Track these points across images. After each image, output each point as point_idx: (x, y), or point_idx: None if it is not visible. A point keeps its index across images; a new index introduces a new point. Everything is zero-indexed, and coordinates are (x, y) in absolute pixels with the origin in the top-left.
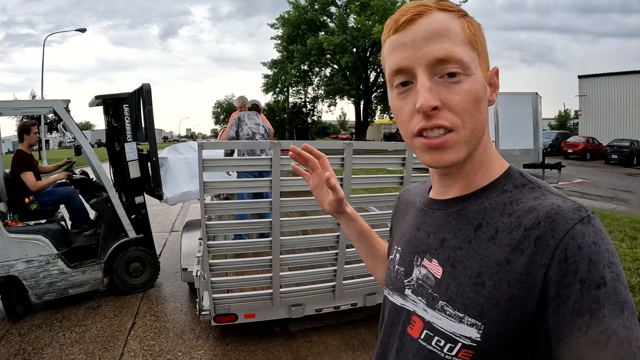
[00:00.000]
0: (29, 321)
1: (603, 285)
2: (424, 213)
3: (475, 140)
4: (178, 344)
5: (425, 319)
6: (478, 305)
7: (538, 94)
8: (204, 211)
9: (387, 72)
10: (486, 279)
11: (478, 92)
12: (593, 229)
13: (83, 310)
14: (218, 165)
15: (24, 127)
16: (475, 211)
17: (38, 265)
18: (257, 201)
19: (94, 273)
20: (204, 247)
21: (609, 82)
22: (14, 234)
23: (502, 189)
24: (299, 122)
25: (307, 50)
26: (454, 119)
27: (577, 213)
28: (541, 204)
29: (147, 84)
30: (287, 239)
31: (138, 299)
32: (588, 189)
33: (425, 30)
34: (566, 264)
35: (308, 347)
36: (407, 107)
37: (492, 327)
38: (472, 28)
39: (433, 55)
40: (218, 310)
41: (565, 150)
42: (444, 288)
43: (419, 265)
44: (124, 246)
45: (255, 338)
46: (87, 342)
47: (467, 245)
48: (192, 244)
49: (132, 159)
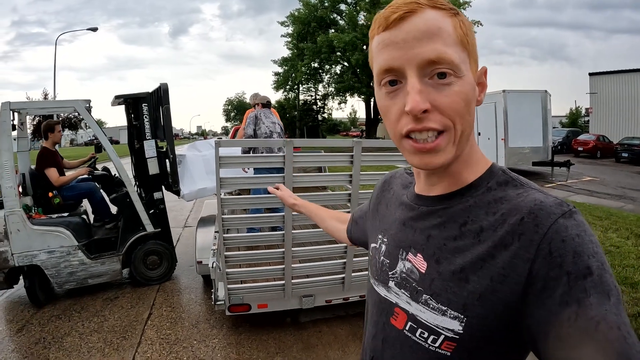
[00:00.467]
0: (48, 312)
1: (589, 275)
2: (410, 208)
3: (464, 140)
4: (193, 333)
5: (409, 312)
6: (461, 299)
7: (547, 91)
8: (220, 205)
9: (376, 70)
10: (470, 273)
11: (468, 93)
12: (575, 222)
13: (101, 302)
14: (234, 163)
15: (49, 126)
16: (461, 209)
17: (59, 256)
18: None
19: (112, 264)
20: (219, 239)
21: (620, 79)
22: (37, 226)
23: (486, 186)
24: (309, 119)
25: (317, 48)
26: (445, 121)
27: (559, 208)
28: (524, 200)
29: (164, 84)
30: (299, 232)
31: (154, 291)
32: (596, 187)
33: (417, 29)
34: (551, 258)
35: (318, 336)
36: (396, 107)
37: (474, 321)
38: (464, 27)
39: (425, 57)
40: (232, 300)
41: (576, 148)
42: (428, 282)
43: (404, 259)
44: (142, 240)
45: (267, 328)
46: (105, 331)
47: (452, 241)
48: (207, 238)
49: (151, 156)
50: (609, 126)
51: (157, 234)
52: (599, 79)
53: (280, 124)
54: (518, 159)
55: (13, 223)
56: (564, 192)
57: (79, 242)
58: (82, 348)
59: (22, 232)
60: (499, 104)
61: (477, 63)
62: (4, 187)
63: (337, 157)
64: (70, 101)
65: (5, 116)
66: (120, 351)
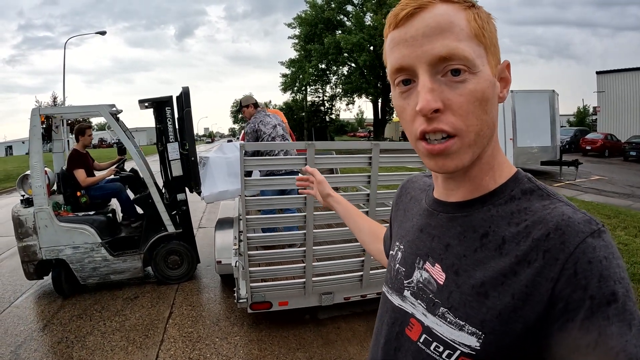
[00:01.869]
0: (69, 312)
1: (614, 302)
2: (428, 214)
3: (482, 143)
4: (215, 331)
5: (424, 324)
6: (480, 315)
7: (555, 91)
8: (244, 206)
9: (389, 70)
10: (490, 289)
11: (484, 91)
12: (604, 243)
13: (121, 301)
14: (257, 165)
15: (80, 129)
16: (482, 219)
17: (83, 252)
18: (292, 197)
19: (134, 262)
20: (244, 239)
21: (628, 77)
22: (63, 223)
23: (510, 194)
24: (317, 120)
25: (324, 49)
26: (457, 123)
27: (587, 226)
28: (550, 213)
29: (186, 88)
30: (319, 231)
31: (173, 291)
32: (605, 185)
33: (427, 25)
34: (576, 279)
35: (337, 332)
36: (410, 108)
37: (492, 337)
38: (479, 20)
39: (435, 53)
40: (255, 298)
41: (584, 147)
42: (446, 295)
43: (421, 268)
44: (164, 239)
45: (287, 325)
46: (127, 330)
47: (472, 253)
48: (226, 239)
49: (174, 158)
50: (617, 125)
51: (179, 234)
52: (607, 77)
53: (281, 125)
54: (527, 158)
55: (41, 219)
56: (573, 191)
57: (102, 240)
58: (105, 347)
59: (50, 228)
60: (507, 104)
61: (497, 57)
62: (34, 187)
63: (356, 158)
64: (96, 106)
65: (35, 121)
66: (144, 349)
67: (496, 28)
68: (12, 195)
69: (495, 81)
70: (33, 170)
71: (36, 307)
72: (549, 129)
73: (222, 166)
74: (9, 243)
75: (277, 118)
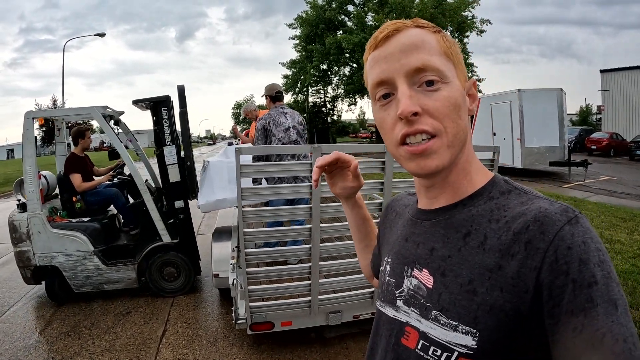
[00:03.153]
0: (57, 328)
1: (595, 284)
2: (412, 224)
3: (458, 145)
4: (212, 352)
5: (419, 329)
6: (471, 312)
7: (563, 90)
8: (241, 219)
9: (370, 86)
10: (478, 285)
11: (457, 98)
12: (582, 228)
13: (112, 317)
14: (256, 171)
15: (79, 132)
16: (463, 219)
17: (76, 260)
18: (296, 207)
19: (127, 272)
20: (242, 255)
21: (632, 75)
22: (56, 229)
23: (489, 196)
24: (319, 121)
25: (326, 50)
26: (435, 124)
27: (564, 214)
28: (528, 208)
29: (181, 86)
30: (326, 245)
31: (168, 305)
32: (615, 186)
33: (403, 43)
34: (557, 266)
35: (345, 354)
36: (390, 117)
37: (487, 334)
38: (447, 42)
39: (411, 65)
40: (255, 319)
41: (589, 146)
42: (436, 297)
43: (410, 276)
44: (160, 250)
45: (290, 345)
46: (117, 350)
47: (456, 253)
48: (224, 250)
49: (171, 162)
50: (622, 123)
51: (177, 245)
52: (611, 76)
53: (298, 127)
54: (535, 159)
55: (34, 225)
56: (584, 193)
57: (95, 248)
58: None
59: (43, 234)
60: (514, 104)
61: (464, 74)
62: (28, 192)
63: (368, 164)
64: (88, 108)
65: (28, 124)
66: None
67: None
68: (11, 199)
69: (465, 94)
70: (26, 175)
71: (23, 322)
72: (557, 129)
73: (222, 171)
74: (1, 251)
75: (295, 118)
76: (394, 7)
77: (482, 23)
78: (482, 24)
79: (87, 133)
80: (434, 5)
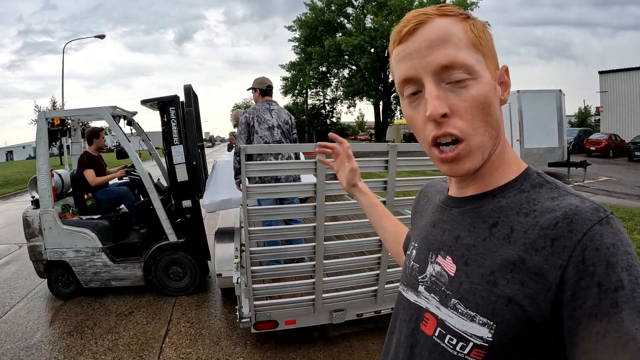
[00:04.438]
0: (59, 328)
1: (621, 289)
2: (441, 210)
3: (490, 144)
4: (215, 351)
5: (438, 317)
6: (490, 304)
7: (562, 91)
8: (247, 217)
9: (397, 83)
10: (499, 277)
11: (487, 95)
12: (612, 230)
13: (114, 317)
14: (261, 170)
15: (94, 132)
16: (492, 209)
17: (84, 256)
18: (300, 206)
19: (134, 270)
20: (246, 254)
21: (630, 77)
22: (66, 226)
23: (520, 188)
24: (318, 123)
25: (325, 52)
26: (464, 127)
27: (595, 214)
28: (559, 204)
29: (187, 85)
30: (330, 243)
31: (170, 305)
32: (614, 186)
33: (428, 38)
34: (583, 266)
35: (349, 352)
36: (420, 116)
37: (504, 327)
38: (475, 30)
39: (438, 63)
40: (259, 318)
41: (588, 147)
42: (457, 286)
43: (433, 262)
44: (166, 248)
45: (294, 344)
46: (120, 350)
47: (481, 243)
48: (227, 250)
49: (179, 162)
50: (620, 125)
51: (185, 244)
52: (610, 77)
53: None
54: (534, 160)
55: (46, 221)
56: (583, 193)
57: (103, 245)
58: None
59: (54, 230)
60: (513, 105)
61: (495, 62)
62: (40, 189)
63: (370, 162)
64: (97, 108)
65: (41, 124)
66: None
67: (492, 36)
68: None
69: (496, 85)
70: (39, 173)
71: (25, 322)
72: (556, 130)
73: (228, 170)
74: (1, 252)
75: (281, 116)
76: (393, 9)
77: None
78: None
79: (102, 134)
80: None
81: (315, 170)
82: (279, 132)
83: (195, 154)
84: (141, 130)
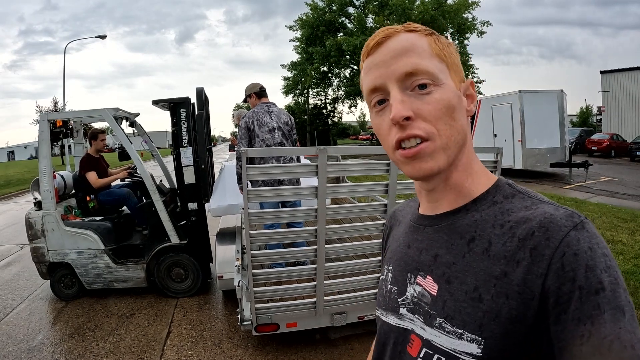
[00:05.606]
0: (61, 330)
1: (602, 290)
2: (414, 230)
3: (455, 148)
4: (217, 354)
5: (423, 337)
6: (477, 319)
7: (563, 91)
8: (248, 220)
9: (365, 93)
10: (483, 292)
11: (450, 100)
12: (587, 234)
13: (115, 319)
14: (263, 173)
15: (93, 134)
16: (467, 224)
17: (87, 257)
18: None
19: (136, 272)
20: (247, 257)
21: (632, 77)
22: (69, 227)
23: (492, 200)
24: (319, 123)
25: (326, 52)
26: (428, 128)
27: (570, 220)
28: (533, 213)
29: (199, 88)
30: (332, 246)
31: (172, 307)
32: (616, 187)
33: (393, 49)
34: (563, 272)
35: (350, 354)
36: (385, 123)
37: (493, 342)
38: (440, 43)
39: (402, 70)
40: (260, 320)
41: (590, 147)
42: (441, 305)
43: (413, 283)
44: (169, 250)
45: (295, 346)
46: (122, 352)
47: (461, 259)
48: (228, 252)
49: (187, 164)
50: (622, 124)
51: (187, 246)
52: (611, 77)
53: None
54: (536, 160)
55: (48, 223)
56: (585, 194)
57: (106, 246)
58: None
59: (56, 232)
60: (514, 105)
61: (460, 75)
62: (42, 190)
63: (372, 165)
64: (99, 110)
65: (43, 126)
66: None
67: (457, 52)
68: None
69: (461, 95)
70: (41, 175)
71: (26, 324)
72: (557, 130)
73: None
74: (3, 253)
75: (281, 118)
76: (394, 9)
77: (482, 24)
78: (482, 26)
79: (101, 135)
80: (435, 7)
81: (317, 174)
82: (280, 134)
83: (204, 157)
84: (143, 131)
